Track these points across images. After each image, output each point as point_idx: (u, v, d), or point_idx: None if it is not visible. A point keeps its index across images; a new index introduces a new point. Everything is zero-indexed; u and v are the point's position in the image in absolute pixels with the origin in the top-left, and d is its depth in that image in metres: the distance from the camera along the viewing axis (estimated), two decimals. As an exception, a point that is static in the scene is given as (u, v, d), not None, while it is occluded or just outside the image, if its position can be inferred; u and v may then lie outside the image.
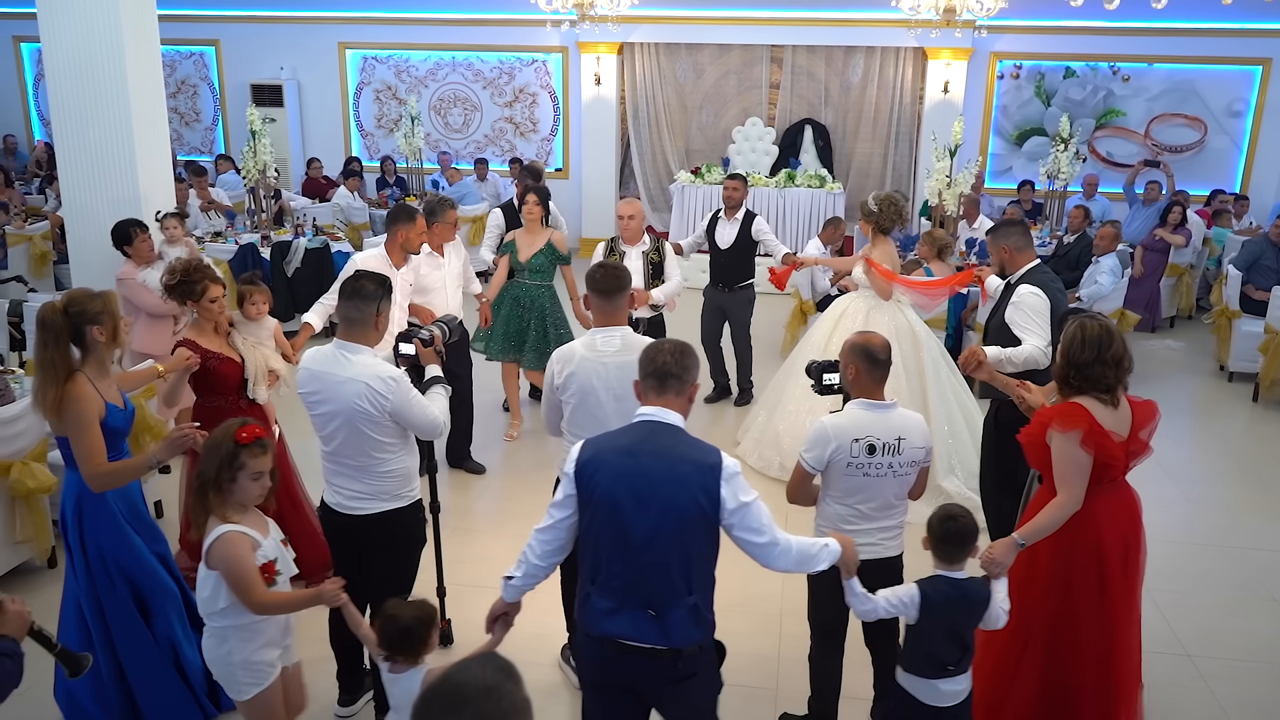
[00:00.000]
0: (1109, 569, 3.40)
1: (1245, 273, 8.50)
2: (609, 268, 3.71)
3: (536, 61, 13.46)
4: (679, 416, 2.87)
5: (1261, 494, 6.41)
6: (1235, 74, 12.14)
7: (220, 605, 2.93)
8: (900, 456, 3.39)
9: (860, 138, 13.00)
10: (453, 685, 1.42)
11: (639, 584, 2.73)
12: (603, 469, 2.76)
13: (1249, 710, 4.11)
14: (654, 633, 2.72)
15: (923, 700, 3.16)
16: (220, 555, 2.86)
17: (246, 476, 2.89)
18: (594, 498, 2.76)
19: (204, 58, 13.91)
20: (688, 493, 2.72)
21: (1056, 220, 10.99)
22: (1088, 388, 3.32)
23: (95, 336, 3.37)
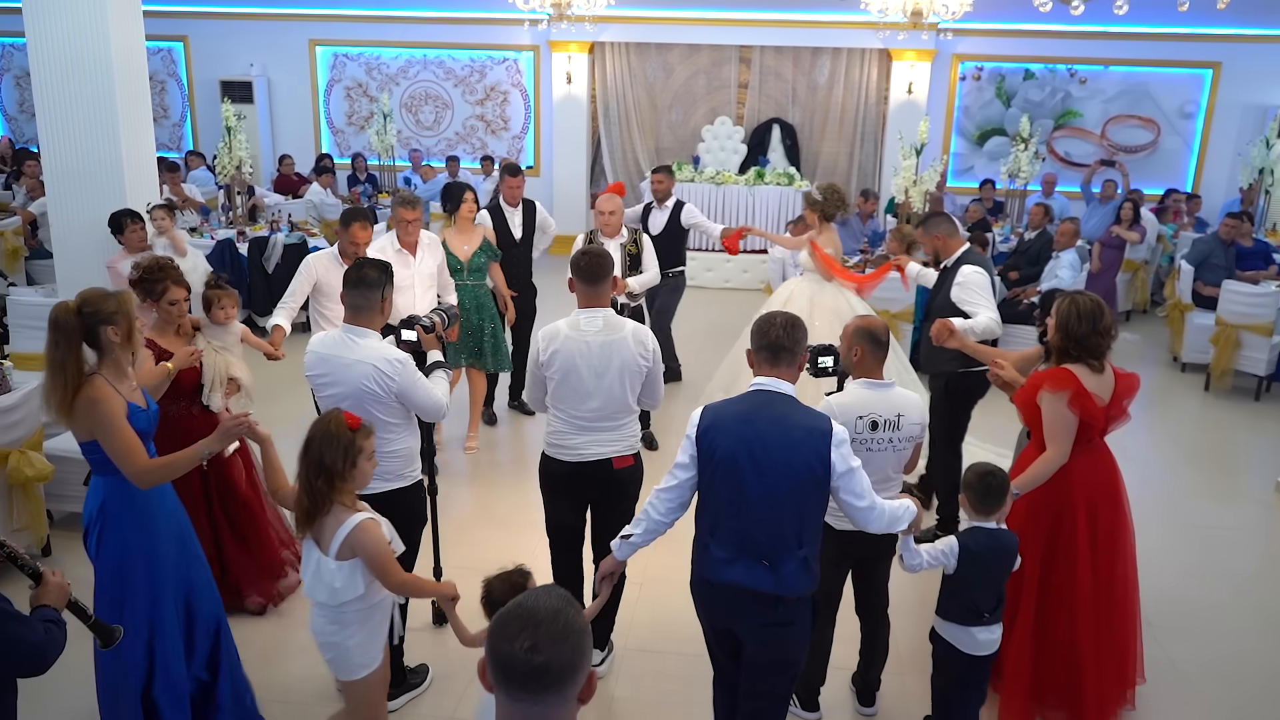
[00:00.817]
0: (1082, 523, 3.72)
1: (1196, 269, 8.85)
2: (594, 254, 3.88)
3: (508, 60, 13.57)
4: (790, 385, 3.08)
5: (1213, 476, 6.74)
6: (1186, 77, 12.58)
7: (359, 591, 3.00)
8: (900, 432, 3.62)
9: (827, 137, 13.28)
10: (525, 609, 1.58)
11: (754, 538, 2.97)
12: (722, 434, 2.99)
13: (1206, 675, 4.37)
14: (768, 581, 2.97)
15: (961, 649, 3.48)
16: (362, 542, 2.95)
17: (364, 459, 2.99)
18: (714, 459, 2.98)
19: (172, 54, 13.86)
20: (801, 456, 2.93)
21: (1017, 218, 11.32)
22: (1084, 356, 3.67)
23: (110, 337, 3.27)
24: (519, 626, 1.55)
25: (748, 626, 3.06)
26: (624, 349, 3.82)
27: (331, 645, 3.09)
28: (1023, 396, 3.81)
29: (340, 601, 3.00)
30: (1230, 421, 7.74)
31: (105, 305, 3.27)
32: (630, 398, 3.89)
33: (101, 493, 3.37)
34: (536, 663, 1.53)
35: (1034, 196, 11.31)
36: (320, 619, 3.09)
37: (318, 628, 3.11)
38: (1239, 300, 8.11)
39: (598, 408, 3.84)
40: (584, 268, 3.84)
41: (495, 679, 1.58)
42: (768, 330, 3.09)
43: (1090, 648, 3.78)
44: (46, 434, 5.04)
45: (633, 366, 3.84)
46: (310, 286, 5.32)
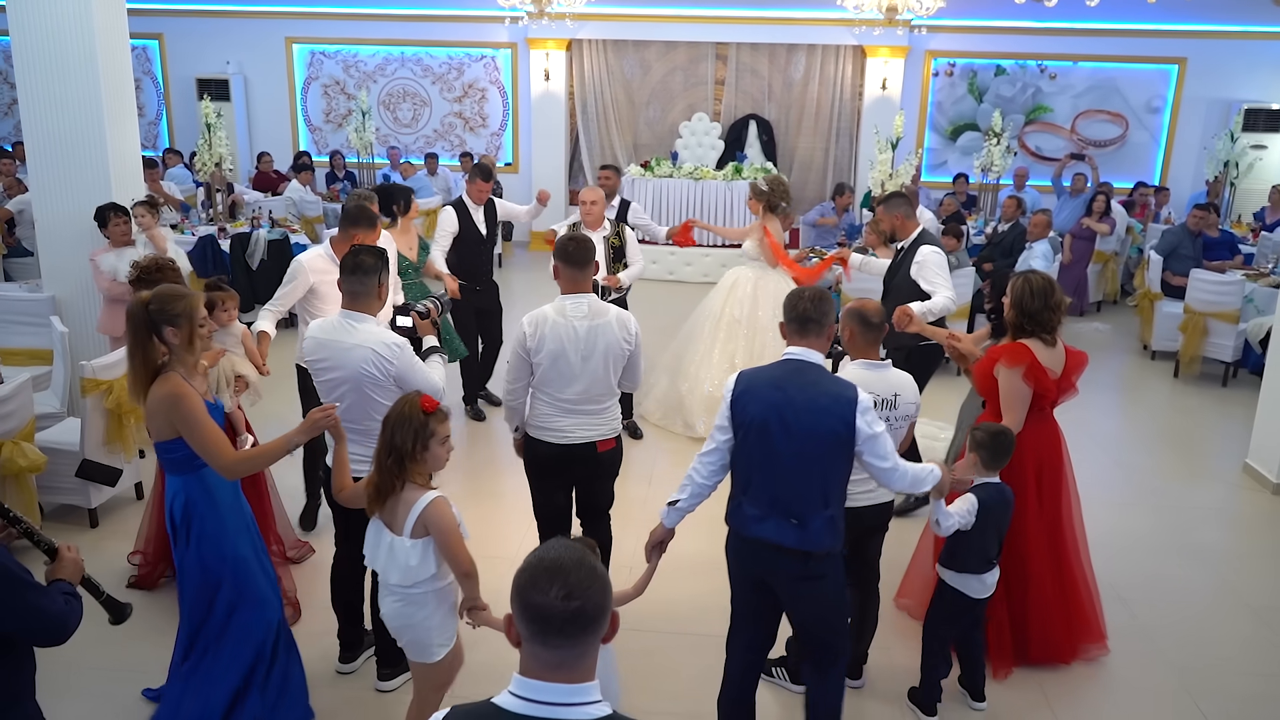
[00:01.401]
0: (1031, 486, 4.02)
1: (1164, 260, 9.05)
2: (580, 240, 3.99)
3: (485, 57, 13.62)
4: (819, 355, 3.27)
5: (1183, 459, 6.93)
6: (1153, 73, 12.84)
7: (431, 570, 3.07)
8: (896, 411, 3.78)
9: (803, 132, 13.43)
10: (550, 560, 1.67)
11: (784, 496, 3.15)
12: (755, 399, 3.17)
13: (1175, 643, 4.53)
14: (795, 537, 3.15)
15: (970, 595, 3.79)
16: (435, 519, 3.03)
17: (436, 443, 3.07)
18: (746, 422, 3.17)
19: (147, 51, 13.78)
20: (828, 421, 3.11)
21: (990, 211, 11.52)
22: (1037, 330, 3.94)
23: (169, 338, 3.27)
24: (549, 577, 1.64)
25: (780, 580, 3.26)
26: (609, 333, 3.93)
27: (409, 628, 3.15)
28: (980, 369, 4.08)
29: (414, 581, 3.07)
30: (1199, 406, 7.95)
31: (171, 306, 3.26)
32: (613, 380, 4.02)
33: (184, 491, 3.36)
34: (573, 608, 1.62)
35: (1006, 190, 11.51)
36: (395, 603, 3.14)
37: (393, 612, 3.15)
38: (1206, 289, 8.31)
39: (582, 390, 3.94)
40: (572, 253, 3.94)
41: (530, 630, 1.66)
42: (796, 304, 3.28)
43: (1039, 601, 4.13)
44: (38, 426, 5.07)
45: (617, 350, 3.96)
46: (304, 291, 4.94)
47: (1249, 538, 5.77)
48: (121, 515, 5.39)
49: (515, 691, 1.66)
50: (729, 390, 3.24)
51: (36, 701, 2.63)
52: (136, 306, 3.24)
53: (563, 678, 1.65)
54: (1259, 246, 10.11)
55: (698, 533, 4.83)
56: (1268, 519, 5.93)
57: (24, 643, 2.50)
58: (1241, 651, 4.51)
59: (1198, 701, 4.12)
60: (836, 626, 3.34)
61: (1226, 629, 4.69)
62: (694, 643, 4.36)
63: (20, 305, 6.41)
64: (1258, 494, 6.21)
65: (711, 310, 7.09)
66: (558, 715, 1.64)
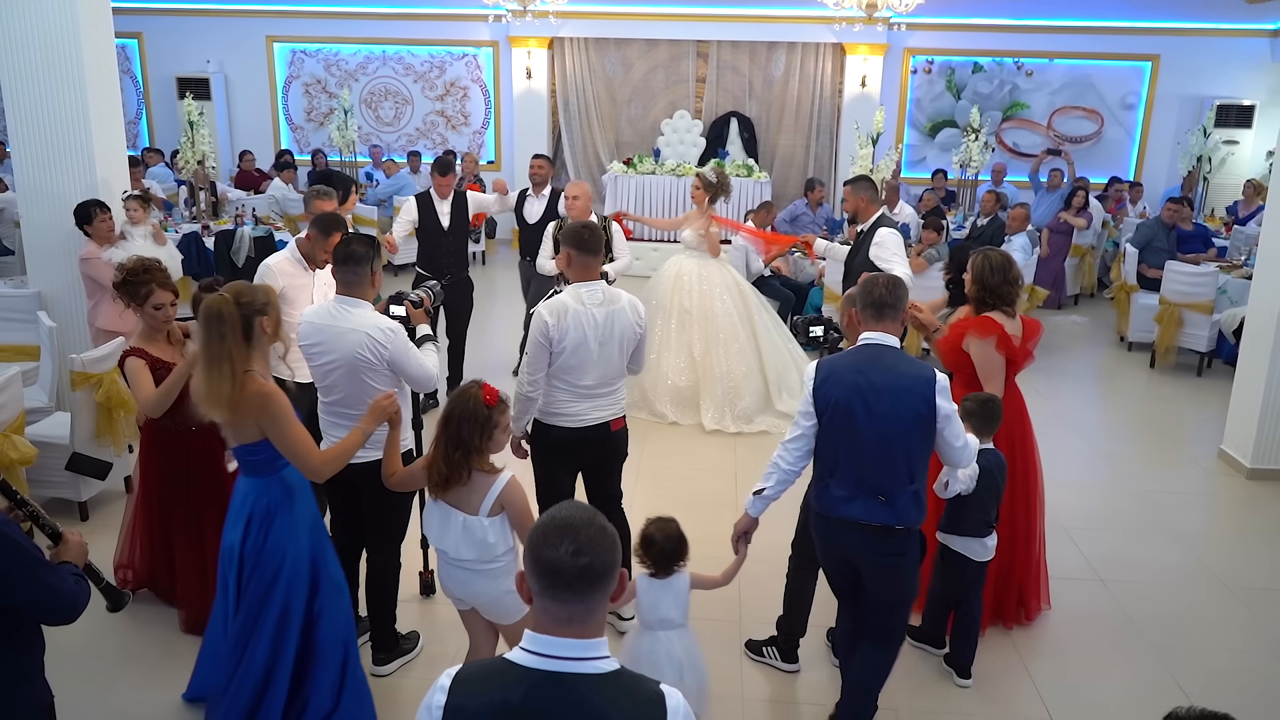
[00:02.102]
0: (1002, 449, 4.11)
1: (1140, 252, 9.21)
2: (592, 227, 4.03)
3: (467, 56, 13.64)
4: (895, 339, 3.40)
5: (1160, 446, 7.07)
6: (1128, 69, 13.02)
7: (509, 544, 3.22)
8: None
9: (784, 129, 13.53)
10: (561, 519, 1.73)
11: (870, 476, 3.29)
12: (837, 385, 3.30)
13: (1153, 621, 4.64)
14: (884, 514, 3.30)
15: (973, 558, 3.96)
16: (513, 499, 3.17)
17: (499, 431, 3.16)
18: (830, 408, 3.30)
19: (126, 51, 13.70)
20: (909, 401, 3.25)
21: (969, 206, 11.66)
22: (998, 304, 4.17)
23: (262, 328, 3.21)
24: (560, 534, 1.70)
25: (864, 557, 3.39)
26: (624, 318, 3.99)
27: (492, 599, 3.29)
28: (947, 343, 4.28)
29: (493, 556, 3.19)
30: (1175, 395, 8.09)
31: (257, 296, 3.23)
32: (624, 363, 4.07)
33: (266, 494, 3.29)
34: (583, 563, 1.68)
35: (985, 186, 11.65)
36: (470, 577, 3.25)
37: (477, 589, 3.26)
38: (1181, 281, 8.46)
39: (600, 376, 3.98)
40: (586, 240, 3.95)
41: (541, 585, 1.72)
42: (873, 290, 3.40)
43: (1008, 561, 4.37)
44: (27, 420, 5.07)
45: (630, 334, 4.02)
46: None
47: (1224, 521, 5.90)
48: (112, 508, 5.40)
49: (526, 646, 1.72)
50: (810, 378, 3.37)
51: (46, 680, 2.66)
52: (225, 305, 3.12)
53: (573, 632, 1.71)
54: (1232, 239, 10.30)
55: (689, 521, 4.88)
56: (1242, 502, 6.06)
57: (32, 619, 2.53)
58: (1218, 629, 4.62)
59: (1176, 677, 4.22)
60: (906, 602, 3.48)
61: (1203, 608, 4.80)
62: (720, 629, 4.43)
63: (5, 301, 6.40)
64: (1232, 479, 6.34)
65: (661, 304, 7.18)
66: (567, 669, 1.69)
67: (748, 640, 4.35)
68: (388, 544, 4.00)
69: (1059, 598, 4.74)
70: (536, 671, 1.69)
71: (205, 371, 3.14)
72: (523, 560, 1.75)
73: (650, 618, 3.43)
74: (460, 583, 3.30)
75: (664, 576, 3.42)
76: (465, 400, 3.13)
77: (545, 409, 4.05)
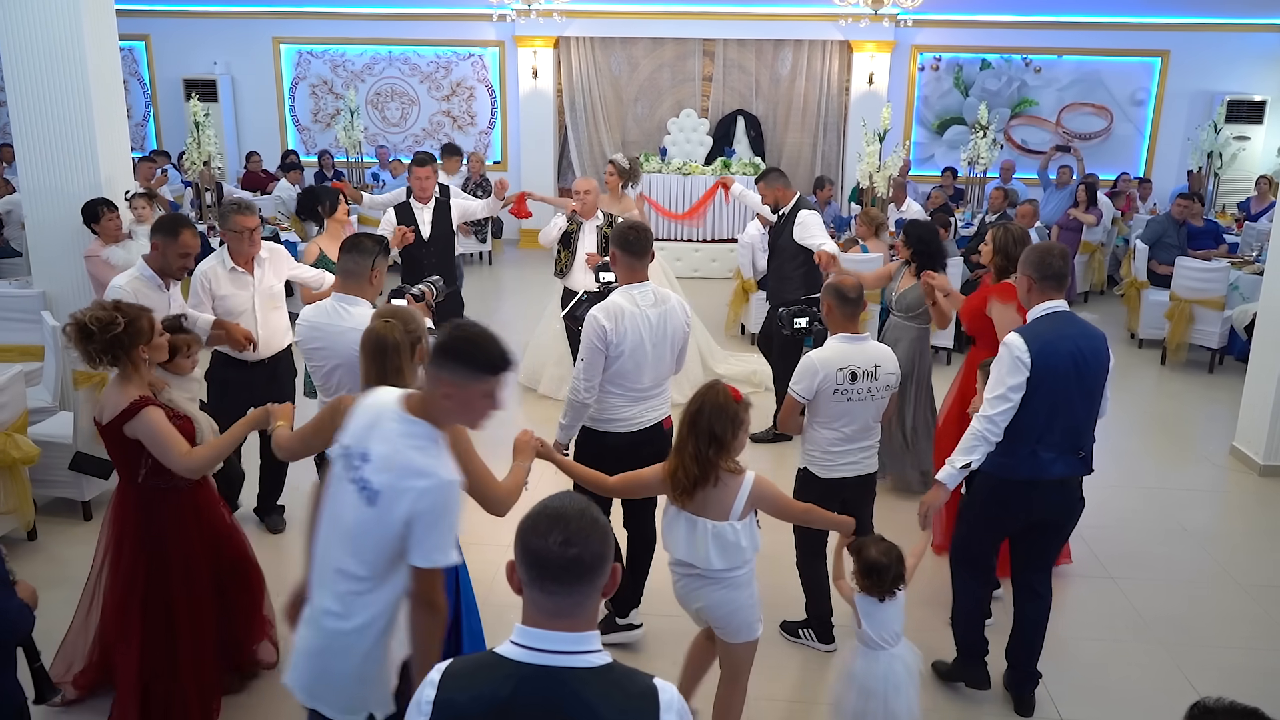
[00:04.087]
0: None
1: (1150, 249, 9.13)
2: (639, 228, 3.93)
3: (473, 56, 13.64)
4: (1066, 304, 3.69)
5: (1170, 443, 7.01)
6: (1137, 66, 12.94)
7: (759, 544, 3.18)
8: (877, 381, 3.86)
9: (790, 127, 13.48)
10: (553, 509, 1.70)
11: (1076, 433, 3.58)
12: (1053, 352, 3.49)
13: (1165, 620, 4.58)
14: (1080, 467, 3.64)
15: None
16: (766, 492, 3.16)
17: (744, 431, 3.13)
18: (1049, 375, 3.48)
19: (133, 53, 13.74)
20: (1102, 358, 3.58)
21: (977, 204, 11.59)
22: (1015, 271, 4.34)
23: (420, 356, 3.06)
24: (549, 524, 1.67)
25: (1061, 511, 3.72)
26: (675, 318, 3.92)
27: (734, 612, 3.17)
28: (970, 310, 4.71)
29: (742, 562, 3.12)
30: (1186, 392, 8.02)
31: (418, 324, 3.12)
32: (674, 363, 3.99)
33: None
34: (570, 555, 1.65)
35: (993, 183, 11.58)
36: (718, 590, 3.14)
37: (717, 602, 3.15)
38: (1192, 277, 8.38)
39: (654, 377, 3.91)
40: (632, 241, 3.86)
41: (529, 575, 1.69)
42: (1050, 261, 3.60)
43: None
44: (30, 420, 5.07)
45: (680, 334, 3.96)
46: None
47: (1236, 518, 5.84)
48: (115, 508, 5.39)
49: (516, 640, 1.69)
50: (1024, 351, 3.48)
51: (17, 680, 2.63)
52: (396, 332, 2.94)
53: (563, 626, 1.68)
54: (1243, 235, 10.21)
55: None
56: (1254, 500, 5.99)
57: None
58: (1229, 627, 4.57)
59: (1188, 675, 4.17)
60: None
61: (1215, 605, 4.74)
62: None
63: (10, 302, 6.39)
64: (1244, 476, 6.28)
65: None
66: (558, 663, 1.66)
67: (782, 622, 4.37)
68: None
69: (1068, 597, 4.69)
70: (527, 665, 1.66)
71: None
72: (513, 548, 1.72)
73: (880, 635, 3.35)
74: (710, 600, 3.17)
75: (887, 599, 3.35)
76: (715, 395, 3.07)
77: (597, 415, 3.92)
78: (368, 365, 2.92)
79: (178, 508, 3.41)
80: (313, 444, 3.04)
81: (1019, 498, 3.63)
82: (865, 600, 3.34)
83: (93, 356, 3.17)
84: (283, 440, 3.10)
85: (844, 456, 3.92)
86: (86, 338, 3.14)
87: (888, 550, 3.32)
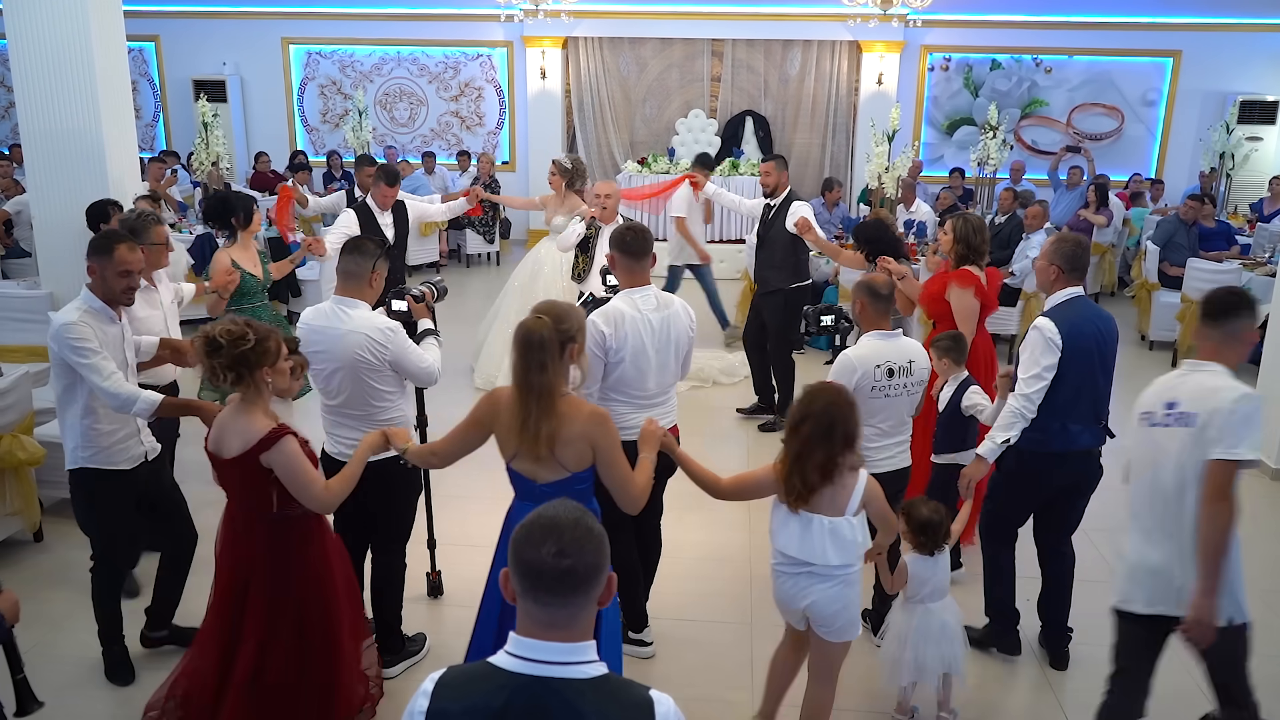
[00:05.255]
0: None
1: (1161, 250, 9.07)
2: (637, 230, 3.85)
3: (481, 56, 13.64)
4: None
5: (1181, 447, 6.92)
6: (1148, 66, 12.85)
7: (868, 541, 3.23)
8: (911, 377, 3.90)
9: (799, 128, 13.44)
10: (547, 518, 1.67)
11: (1094, 406, 3.88)
12: (1081, 333, 3.79)
13: (1175, 626, 4.53)
14: (1100, 437, 3.96)
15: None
16: (875, 490, 3.22)
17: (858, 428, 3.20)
18: (1079, 354, 3.78)
19: (143, 53, 13.79)
20: (1116, 336, 3.96)
21: (987, 204, 11.53)
22: (975, 259, 4.85)
23: (570, 356, 3.02)
24: (543, 534, 1.64)
25: (1081, 479, 4.01)
26: (679, 322, 3.87)
27: (844, 610, 3.19)
28: (930, 295, 4.97)
29: (855, 557, 3.16)
30: (1197, 395, 7.93)
31: (572, 321, 3.04)
32: (679, 369, 3.94)
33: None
34: (564, 566, 1.62)
35: (1003, 184, 11.52)
36: (833, 588, 3.15)
37: (832, 598, 3.15)
38: (1204, 278, 8.31)
39: (658, 382, 3.84)
40: (630, 243, 3.79)
41: (522, 586, 1.66)
42: (1080, 255, 3.89)
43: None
44: (36, 421, 5.07)
45: (684, 338, 3.90)
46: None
47: (1249, 523, 5.68)
48: (121, 509, 5.38)
49: (511, 650, 1.66)
50: (1055, 333, 3.75)
51: None
52: (545, 329, 2.89)
53: (558, 636, 1.66)
54: (1255, 237, 10.13)
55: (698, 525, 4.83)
56: (1268, 504, 5.93)
57: None
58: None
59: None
60: None
61: (1226, 611, 4.68)
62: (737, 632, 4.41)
63: (18, 302, 6.41)
64: (1257, 479, 6.21)
65: (520, 284, 7.46)
66: (552, 674, 1.64)
67: None
68: (393, 544, 3.96)
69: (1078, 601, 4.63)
70: (520, 676, 1.64)
71: (523, 404, 2.91)
72: (508, 558, 1.70)
73: (922, 592, 3.67)
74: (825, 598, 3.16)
75: (936, 554, 3.67)
76: (840, 396, 3.10)
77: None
78: (515, 357, 2.92)
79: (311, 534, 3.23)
80: (471, 440, 3.13)
81: (1051, 469, 3.94)
82: (916, 559, 3.66)
83: (217, 372, 3.01)
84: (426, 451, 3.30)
85: (882, 452, 3.94)
86: (213, 351, 2.97)
87: (936, 509, 3.67)
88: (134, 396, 3.62)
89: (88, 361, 3.57)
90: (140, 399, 3.64)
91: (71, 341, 3.58)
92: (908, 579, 3.66)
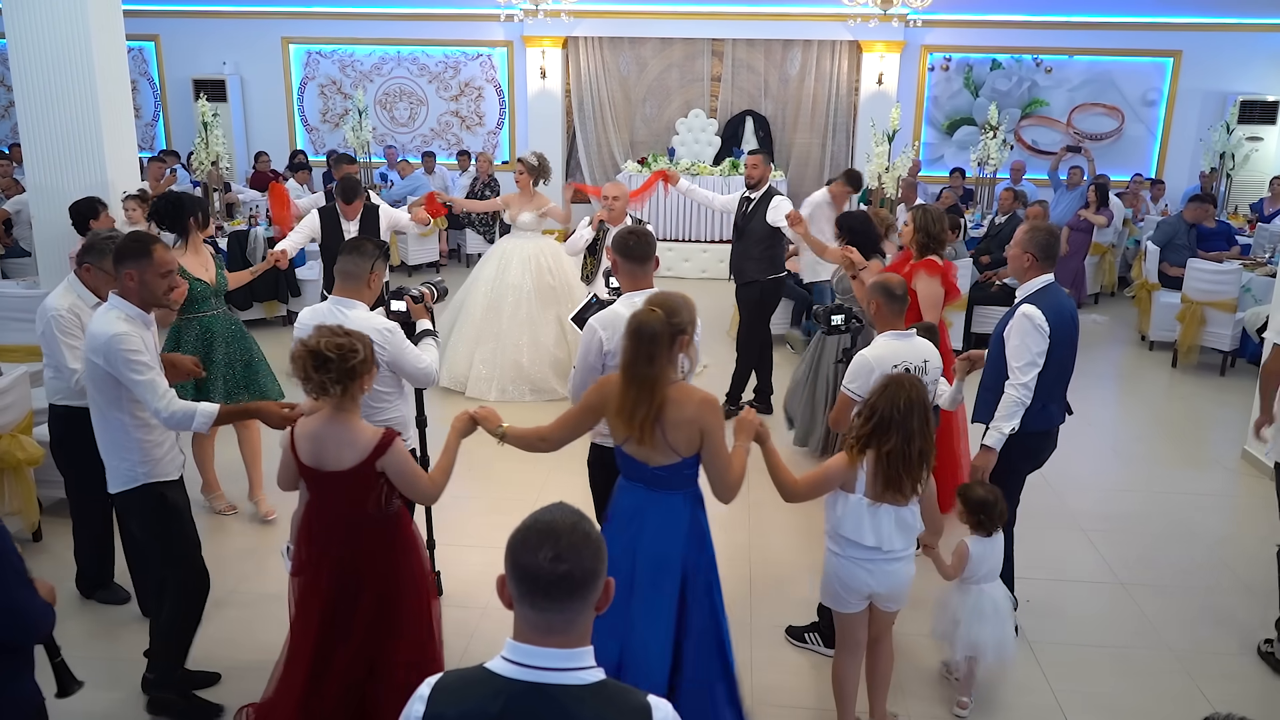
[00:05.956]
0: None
1: (1161, 250, 9.05)
2: (640, 234, 3.79)
3: (481, 56, 13.63)
4: None
5: (1179, 447, 6.94)
6: (1148, 66, 12.84)
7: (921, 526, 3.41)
8: (927, 376, 3.94)
9: (799, 128, 13.43)
10: (544, 523, 1.65)
11: (1065, 386, 4.08)
12: (1066, 321, 3.95)
13: (1176, 624, 4.53)
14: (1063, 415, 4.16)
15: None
16: (930, 490, 3.37)
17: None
18: (1060, 338, 3.91)
19: (143, 53, 13.78)
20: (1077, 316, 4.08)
21: (987, 204, 11.52)
22: (936, 249, 5.11)
23: (680, 348, 3.02)
24: (540, 539, 1.62)
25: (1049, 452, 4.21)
26: None
27: (903, 584, 3.39)
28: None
29: (914, 538, 3.35)
30: (1197, 395, 7.95)
31: (685, 314, 3.06)
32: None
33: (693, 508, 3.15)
34: (561, 571, 1.60)
35: (1003, 184, 11.51)
36: (904, 567, 3.36)
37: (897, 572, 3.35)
38: (1204, 279, 8.31)
39: None
40: (633, 247, 3.73)
41: (519, 591, 1.64)
42: (1053, 245, 4.01)
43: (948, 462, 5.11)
44: (35, 421, 5.06)
45: None
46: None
47: (1248, 522, 5.77)
48: (120, 509, 5.37)
49: (507, 656, 1.65)
50: (1043, 320, 3.86)
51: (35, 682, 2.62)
52: (658, 322, 2.94)
53: (555, 642, 1.64)
54: (1256, 237, 10.11)
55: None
56: (1266, 504, 5.90)
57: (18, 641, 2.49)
58: (1242, 633, 4.50)
59: (1199, 684, 4.11)
60: None
61: (1227, 612, 4.68)
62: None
63: (17, 302, 6.39)
64: (1256, 480, 6.21)
65: (486, 277, 7.45)
66: (549, 680, 1.63)
67: (788, 627, 4.35)
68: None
69: (1076, 601, 4.63)
70: (517, 682, 1.62)
71: (629, 394, 2.96)
72: (504, 563, 1.69)
73: (980, 572, 3.77)
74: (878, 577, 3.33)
75: (993, 535, 3.78)
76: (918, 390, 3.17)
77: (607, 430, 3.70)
78: (626, 346, 2.98)
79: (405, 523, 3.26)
80: (583, 424, 3.22)
81: (1037, 448, 4.10)
82: (976, 540, 3.76)
83: (325, 385, 2.90)
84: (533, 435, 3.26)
85: None
86: (321, 365, 2.87)
87: (991, 489, 3.78)
88: (191, 412, 3.38)
89: (143, 378, 3.30)
90: (198, 413, 3.39)
91: (127, 355, 3.26)
92: (967, 560, 3.74)
